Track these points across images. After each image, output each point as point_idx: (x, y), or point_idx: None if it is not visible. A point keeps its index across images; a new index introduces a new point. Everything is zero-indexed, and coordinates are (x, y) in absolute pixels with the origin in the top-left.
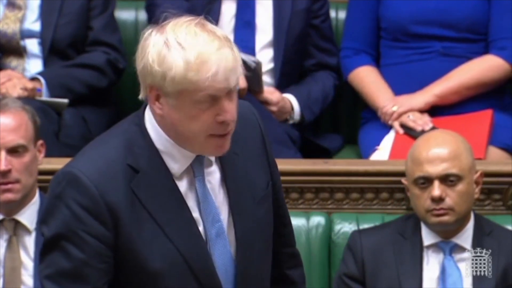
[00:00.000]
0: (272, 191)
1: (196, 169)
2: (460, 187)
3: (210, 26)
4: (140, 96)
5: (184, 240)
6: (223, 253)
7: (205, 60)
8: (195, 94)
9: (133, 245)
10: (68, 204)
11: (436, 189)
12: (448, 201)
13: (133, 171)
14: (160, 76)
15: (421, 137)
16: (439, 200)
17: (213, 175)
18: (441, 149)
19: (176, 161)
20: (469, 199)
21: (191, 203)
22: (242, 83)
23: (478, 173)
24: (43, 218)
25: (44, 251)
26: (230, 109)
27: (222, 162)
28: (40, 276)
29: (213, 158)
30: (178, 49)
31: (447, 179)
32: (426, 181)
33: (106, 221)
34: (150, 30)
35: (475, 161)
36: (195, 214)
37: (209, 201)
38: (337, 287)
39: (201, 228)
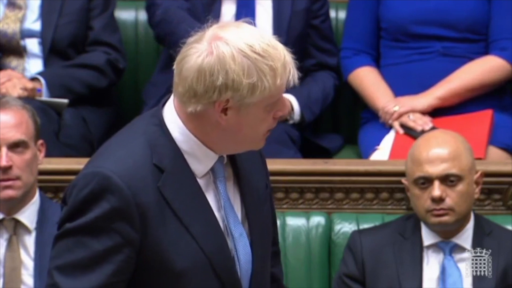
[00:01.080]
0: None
1: (217, 169)
2: (460, 187)
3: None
4: (190, 109)
5: (209, 240)
6: (245, 253)
7: (284, 64)
8: (274, 97)
9: (159, 245)
10: (99, 204)
11: (436, 190)
12: (448, 201)
13: (159, 170)
14: (248, 88)
15: (421, 137)
16: (439, 200)
17: (229, 176)
18: (441, 149)
19: (200, 162)
20: (469, 199)
21: (213, 203)
22: None
23: (478, 173)
24: (66, 217)
25: (60, 242)
26: (286, 108)
27: (233, 164)
28: (49, 266)
29: (226, 159)
30: (259, 58)
31: (447, 179)
32: (426, 181)
33: (135, 223)
34: (196, 51)
35: (475, 161)
36: (218, 214)
37: (230, 201)
38: (337, 287)
39: (224, 229)
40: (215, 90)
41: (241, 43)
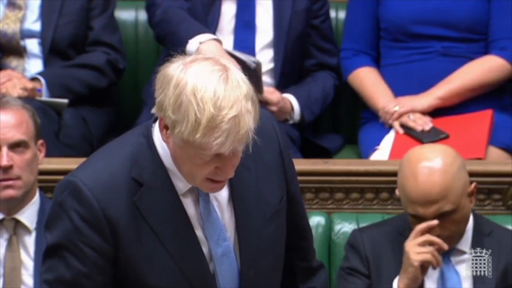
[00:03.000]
0: (288, 205)
1: (200, 189)
2: (456, 215)
3: (235, 76)
4: (153, 111)
5: (186, 258)
6: (229, 272)
7: (215, 127)
8: (199, 150)
9: (133, 259)
10: (69, 214)
11: (432, 222)
12: (443, 231)
13: (138, 184)
14: (171, 122)
15: (408, 168)
16: (435, 232)
17: (221, 193)
18: (430, 190)
19: (179, 179)
20: (467, 218)
21: (195, 221)
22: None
23: (473, 185)
24: (46, 224)
25: (45, 256)
26: (232, 165)
27: (231, 180)
28: (40, 278)
29: None
30: (194, 104)
31: (443, 216)
32: (419, 219)
33: (105, 235)
34: (176, 62)
35: (467, 177)
36: (199, 233)
37: (214, 220)
38: (341, 279)
39: (205, 248)
40: (158, 103)
41: (193, 81)
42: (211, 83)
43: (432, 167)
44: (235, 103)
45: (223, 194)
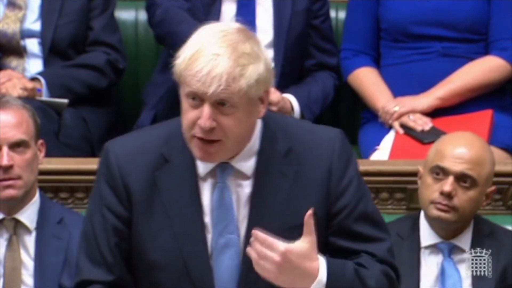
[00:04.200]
0: (326, 225)
1: (218, 175)
2: (472, 193)
3: (243, 37)
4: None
5: (188, 240)
6: (229, 266)
7: (197, 58)
8: (185, 88)
9: (140, 232)
10: (98, 175)
11: (449, 185)
12: (456, 201)
13: (164, 160)
14: (175, 61)
15: (453, 133)
16: (447, 195)
17: (243, 188)
18: (468, 150)
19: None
20: (476, 207)
21: (207, 207)
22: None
23: (493, 188)
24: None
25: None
26: (207, 116)
27: (258, 179)
28: None
29: (249, 172)
30: (190, 44)
31: (462, 180)
32: (442, 173)
33: (123, 201)
34: None
35: (493, 176)
36: (207, 219)
37: (226, 210)
38: None
39: (209, 235)
40: None
41: (202, 29)
42: (215, 29)
43: (476, 140)
44: (227, 46)
45: (246, 190)
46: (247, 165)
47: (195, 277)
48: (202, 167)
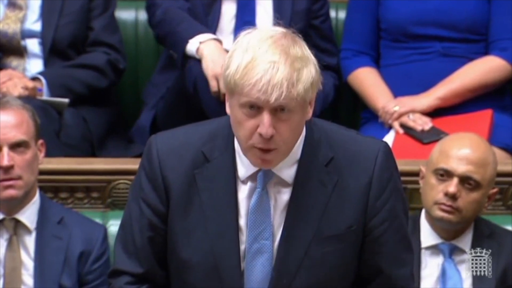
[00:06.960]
0: (362, 239)
1: (259, 180)
2: (475, 194)
3: (291, 41)
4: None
5: (221, 241)
6: (260, 271)
7: (253, 67)
8: (240, 97)
9: (175, 228)
10: (140, 167)
11: (454, 186)
12: (460, 202)
13: (204, 159)
14: (224, 71)
15: (457, 134)
16: (452, 197)
17: (282, 195)
18: (472, 152)
19: (244, 165)
20: (478, 209)
21: (243, 210)
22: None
23: (495, 189)
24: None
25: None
26: (268, 124)
27: (297, 187)
28: None
29: (290, 180)
30: (239, 52)
31: (466, 181)
32: (446, 175)
33: (161, 196)
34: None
35: (495, 178)
36: (242, 221)
37: (262, 215)
38: None
39: (242, 237)
40: None
41: (249, 35)
42: (265, 36)
43: (480, 141)
44: (281, 52)
45: (284, 197)
46: (289, 172)
47: (225, 278)
48: (243, 171)
